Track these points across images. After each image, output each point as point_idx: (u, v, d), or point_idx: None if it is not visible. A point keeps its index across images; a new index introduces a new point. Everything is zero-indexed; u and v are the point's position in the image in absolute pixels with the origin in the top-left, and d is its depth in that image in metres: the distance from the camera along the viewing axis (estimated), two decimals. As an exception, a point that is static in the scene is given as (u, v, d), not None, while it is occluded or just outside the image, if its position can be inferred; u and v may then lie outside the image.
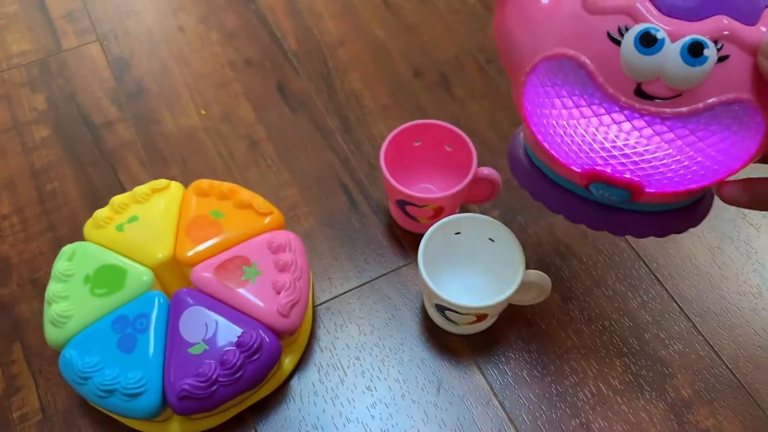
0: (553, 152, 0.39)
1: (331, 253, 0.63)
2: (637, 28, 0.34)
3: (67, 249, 0.54)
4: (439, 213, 0.58)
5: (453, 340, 0.57)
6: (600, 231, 0.45)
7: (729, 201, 0.39)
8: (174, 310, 0.51)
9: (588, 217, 0.43)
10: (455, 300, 0.50)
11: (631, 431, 0.53)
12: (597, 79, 0.36)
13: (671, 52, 0.33)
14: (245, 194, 0.56)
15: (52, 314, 0.51)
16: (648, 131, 0.36)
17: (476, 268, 0.58)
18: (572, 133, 0.38)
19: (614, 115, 0.37)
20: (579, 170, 0.38)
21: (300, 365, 0.56)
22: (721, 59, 0.33)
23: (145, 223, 0.55)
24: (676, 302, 0.59)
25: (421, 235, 0.54)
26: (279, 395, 0.55)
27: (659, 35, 0.33)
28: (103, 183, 0.68)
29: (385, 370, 0.56)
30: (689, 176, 0.37)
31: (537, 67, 0.38)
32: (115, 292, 0.52)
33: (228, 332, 0.50)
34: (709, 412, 0.54)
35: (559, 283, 0.60)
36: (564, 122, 0.38)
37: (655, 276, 0.60)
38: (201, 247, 0.54)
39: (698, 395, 0.55)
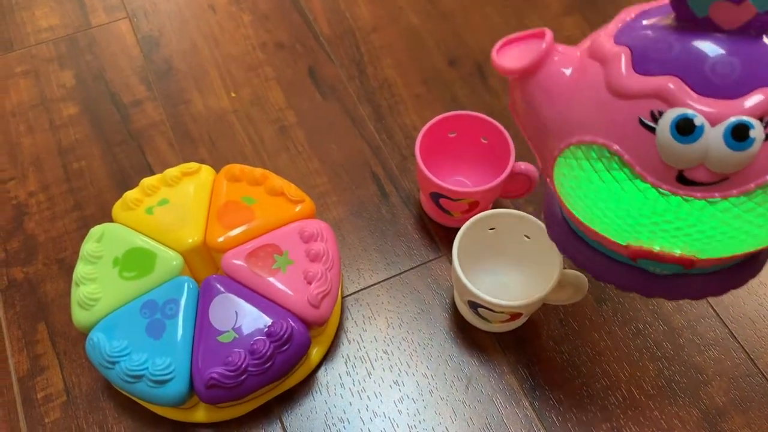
0: (595, 228, 0.36)
1: (361, 243, 0.61)
2: (671, 114, 0.30)
3: (96, 230, 0.53)
4: (473, 207, 0.57)
5: (483, 338, 0.56)
6: (653, 298, 0.41)
7: None
8: (203, 296, 0.50)
9: (640, 285, 0.39)
10: (491, 298, 0.49)
11: (664, 438, 0.52)
12: (634, 168, 0.32)
13: (713, 137, 0.30)
14: (277, 181, 0.55)
15: (79, 296, 0.50)
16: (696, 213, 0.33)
17: (510, 265, 0.57)
18: (613, 208, 0.35)
19: (657, 201, 0.33)
20: (624, 246, 0.35)
21: (327, 356, 0.55)
22: None
23: (175, 207, 0.54)
24: (713, 307, 0.58)
25: (453, 229, 0.52)
26: (306, 386, 0.54)
27: (697, 121, 0.30)
28: (131, 163, 0.67)
29: (414, 365, 0.55)
30: (745, 246, 0.34)
31: (565, 150, 0.35)
32: (144, 276, 0.51)
33: (258, 321, 0.49)
34: (744, 422, 0.53)
35: (593, 284, 0.58)
36: (603, 199, 0.35)
37: (692, 279, 0.59)
38: (232, 233, 0.53)
39: (733, 403, 0.53)
